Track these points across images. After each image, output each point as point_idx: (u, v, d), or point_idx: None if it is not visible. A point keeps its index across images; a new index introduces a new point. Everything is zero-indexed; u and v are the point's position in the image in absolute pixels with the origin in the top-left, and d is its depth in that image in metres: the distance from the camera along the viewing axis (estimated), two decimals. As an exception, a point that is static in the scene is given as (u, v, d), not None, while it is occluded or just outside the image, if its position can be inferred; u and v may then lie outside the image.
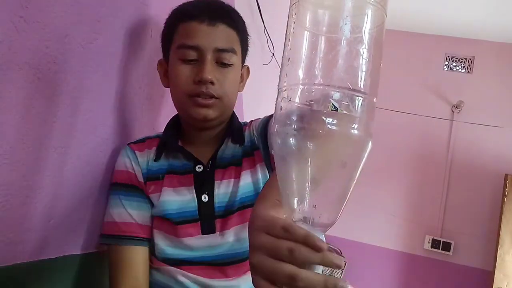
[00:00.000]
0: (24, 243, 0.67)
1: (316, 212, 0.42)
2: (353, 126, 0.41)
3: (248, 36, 0.87)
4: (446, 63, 3.48)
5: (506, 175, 3.06)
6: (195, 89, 0.76)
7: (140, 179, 0.82)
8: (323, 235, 0.44)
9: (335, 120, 0.40)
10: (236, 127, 0.86)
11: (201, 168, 0.82)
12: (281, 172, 0.44)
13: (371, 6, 0.42)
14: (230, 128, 0.85)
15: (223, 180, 0.82)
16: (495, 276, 2.89)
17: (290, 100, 0.42)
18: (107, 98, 0.83)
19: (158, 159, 0.84)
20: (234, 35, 0.80)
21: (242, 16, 0.86)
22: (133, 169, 0.82)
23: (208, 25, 0.76)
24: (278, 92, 0.45)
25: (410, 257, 3.34)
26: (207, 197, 0.80)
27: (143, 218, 0.81)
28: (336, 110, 0.40)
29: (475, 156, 3.29)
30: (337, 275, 3.20)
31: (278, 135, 0.43)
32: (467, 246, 3.22)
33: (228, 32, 0.79)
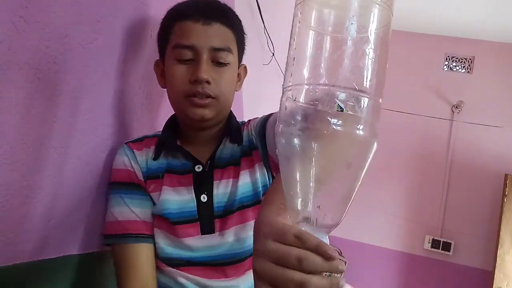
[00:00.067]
0: (24, 243, 0.67)
1: (320, 213, 0.41)
2: (358, 127, 0.40)
3: (245, 34, 0.86)
4: (446, 63, 3.48)
5: (506, 175, 3.06)
6: (191, 88, 0.76)
7: (140, 178, 0.82)
8: (327, 236, 0.43)
9: (340, 121, 0.39)
10: (234, 126, 0.86)
11: (200, 168, 0.82)
12: (285, 172, 0.44)
13: (377, 6, 0.42)
14: (228, 127, 0.85)
15: (222, 180, 0.82)
16: (495, 276, 2.89)
17: (295, 100, 0.42)
18: (107, 98, 0.83)
19: (157, 158, 0.83)
20: (229, 34, 0.79)
21: (241, 16, 0.85)
22: (132, 167, 0.82)
23: (203, 24, 0.76)
24: (282, 92, 0.44)
25: (410, 257, 3.35)
26: (206, 197, 0.80)
27: (146, 216, 0.81)
28: (342, 110, 0.39)
29: (475, 156, 3.29)
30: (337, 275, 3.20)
31: (282, 135, 0.43)
32: (467, 246, 3.22)
33: (224, 31, 0.78)
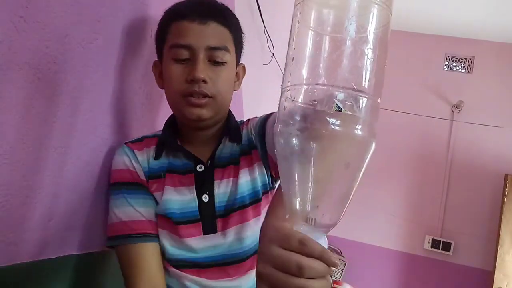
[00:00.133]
0: (24, 243, 0.67)
1: (318, 212, 0.42)
2: (357, 127, 0.40)
3: (243, 34, 0.86)
4: (446, 63, 3.48)
5: (506, 175, 3.06)
6: (187, 88, 0.75)
7: (143, 177, 0.82)
8: (325, 236, 0.44)
9: (338, 121, 0.40)
10: (233, 126, 0.86)
11: (202, 168, 0.82)
12: (283, 172, 0.44)
13: (376, 6, 0.42)
14: (227, 127, 0.85)
15: (222, 179, 0.82)
16: (495, 276, 2.89)
17: (293, 100, 0.42)
18: (107, 98, 0.83)
19: (158, 157, 0.83)
20: (226, 33, 0.79)
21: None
22: (133, 167, 0.82)
23: (199, 23, 0.75)
24: (281, 92, 0.44)
25: (410, 257, 3.35)
26: (207, 197, 0.80)
27: (151, 215, 0.80)
28: (340, 110, 0.40)
29: (475, 156, 3.29)
30: (337, 275, 3.20)
31: (281, 135, 0.43)
32: (467, 246, 3.22)
33: (220, 30, 0.78)
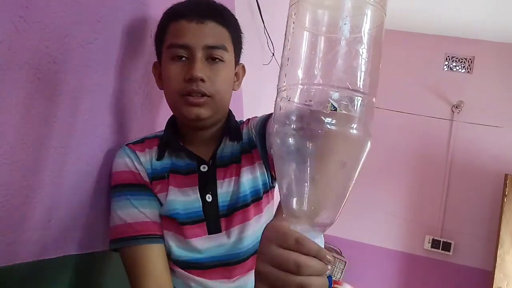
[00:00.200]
0: (24, 243, 0.67)
1: (315, 212, 0.42)
2: (352, 126, 0.41)
3: (242, 34, 0.86)
4: (446, 63, 3.48)
5: (506, 175, 3.06)
6: (185, 87, 0.75)
7: (146, 179, 0.81)
8: (322, 235, 0.44)
9: (334, 120, 0.40)
10: (233, 125, 0.86)
11: (206, 168, 0.82)
12: (280, 172, 0.44)
13: (370, 6, 0.42)
14: (227, 126, 0.85)
15: (225, 179, 0.82)
16: (495, 276, 2.89)
17: (289, 100, 0.42)
18: (107, 98, 0.83)
19: (160, 158, 0.83)
20: (224, 32, 0.79)
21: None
22: (136, 168, 0.81)
23: (197, 23, 0.76)
24: (277, 92, 0.45)
25: (410, 257, 3.34)
26: (210, 196, 0.80)
27: (155, 216, 0.80)
28: (335, 110, 0.40)
29: (475, 156, 3.29)
30: (337, 275, 3.20)
31: (277, 135, 0.43)
32: (467, 246, 3.22)
33: (218, 29, 0.78)
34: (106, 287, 0.92)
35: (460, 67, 3.46)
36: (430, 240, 3.28)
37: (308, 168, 0.41)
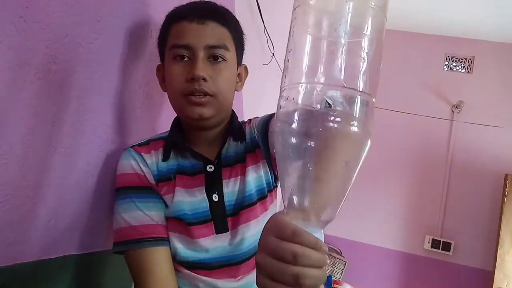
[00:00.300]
0: (24, 243, 0.67)
1: (315, 208, 0.43)
2: (352, 124, 0.42)
3: (243, 35, 0.87)
4: (446, 63, 3.48)
5: (506, 175, 3.06)
6: (188, 87, 0.76)
7: (152, 181, 0.81)
8: (322, 230, 0.44)
9: (335, 119, 0.41)
10: (237, 126, 0.87)
11: (212, 168, 0.82)
12: (282, 170, 0.45)
13: (371, 10, 0.43)
14: (231, 127, 0.86)
15: (230, 178, 0.83)
16: (495, 276, 2.89)
17: (291, 100, 0.43)
18: (107, 98, 0.83)
19: (166, 159, 0.83)
20: (225, 32, 0.80)
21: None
22: (142, 171, 0.81)
23: (198, 23, 0.77)
24: (280, 92, 0.45)
25: (410, 257, 3.35)
26: (217, 196, 0.81)
27: (161, 218, 0.80)
28: (336, 109, 0.41)
29: (475, 156, 3.29)
30: (337, 275, 3.20)
31: (279, 134, 0.44)
32: (467, 246, 3.22)
33: (219, 30, 0.79)
34: (106, 287, 0.92)
35: (460, 67, 3.46)
36: (430, 240, 3.28)
37: (309, 166, 0.42)
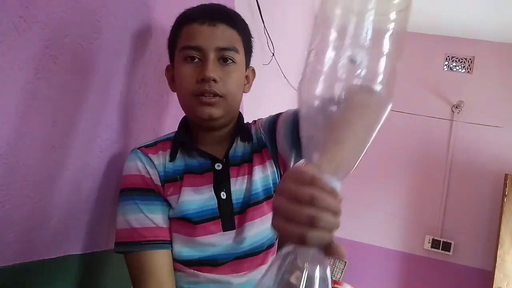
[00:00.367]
0: (24, 243, 0.67)
1: (333, 164, 0.46)
2: (377, 81, 0.45)
3: (252, 38, 0.88)
4: (446, 63, 3.48)
5: (506, 175, 3.06)
6: (198, 88, 0.77)
7: (157, 182, 0.81)
8: (339, 182, 0.46)
9: (359, 74, 0.43)
10: (244, 126, 0.89)
11: (220, 166, 0.83)
12: (304, 129, 0.48)
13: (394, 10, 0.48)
14: (238, 127, 0.87)
15: (238, 177, 0.84)
16: (495, 276, 2.89)
17: (317, 60, 0.46)
18: (107, 98, 0.83)
19: (173, 159, 0.83)
20: (235, 35, 0.81)
21: (243, 17, 0.86)
22: (148, 173, 0.81)
23: (209, 25, 0.78)
24: (307, 54, 0.47)
25: (410, 257, 3.35)
26: (225, 194, 0.82)
27: (163, 221, 0.80)
28: (361, 65, 0.43)
29: (475, 156, 3.29)
30: (337, 275, 3.21)
31: (304, 92, 0.47)
32: (467, 246, 3.22)
33: (229, 32, 0.80)
34: (106, 287, 0.92)
35: (460, 67, 3.46)
36: (430, 240, 3.28)
37: (330, 124, 0.45)
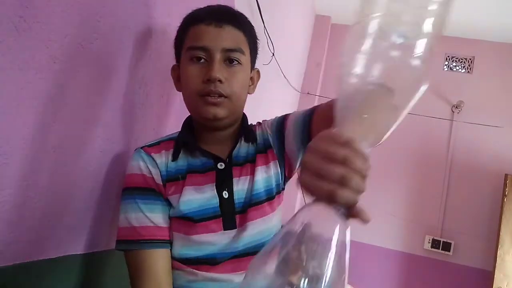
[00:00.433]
0: (24, 243, 0.67)
1: (365, 134, 0.47)
2: (416, 57, 0.47)
3: (258, 40, 0.89)
4: (446, 63, 3.48)
5: (506, 175, 3.06)
6: (204, 88, 0.78)
7: (159, 182, 0.82)
8: (369, 150, 0.47)
9: (400, 48, 0.47)
10: (247, 128, 0.89)
11: (223, 166, 0.84)
12: (341, 101, 0.50)
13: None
14: (243, 128, 0.88)
15: (240, 177, 0.84)
16: (495, 276, 2.89)
17: (359, 33, 0.49)
18: (107, 98, 0.83)
19: (175, 159, 0.84)
20: (241, 36, 0.82)
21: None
22: (150, 172, 0.82)
23: (215, 26, 0.79)
24: (357, 21, 0.50)
25: (410, 257, 3.35)
26: (227, 193, 0.82)
27: (163, 220, 0.81)
28: (403, 40, 0.46)
29: (475, 156, 3.29)
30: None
31: (345, 75, 0.49)
32: (467, 246, 3.22)
33: (235, 33, 0.81)
34: (106, 287, 0.92)
35: (460, 67, 3.46)
36: (430, 240, 3.28)
37: (364, 103, 0.49)
